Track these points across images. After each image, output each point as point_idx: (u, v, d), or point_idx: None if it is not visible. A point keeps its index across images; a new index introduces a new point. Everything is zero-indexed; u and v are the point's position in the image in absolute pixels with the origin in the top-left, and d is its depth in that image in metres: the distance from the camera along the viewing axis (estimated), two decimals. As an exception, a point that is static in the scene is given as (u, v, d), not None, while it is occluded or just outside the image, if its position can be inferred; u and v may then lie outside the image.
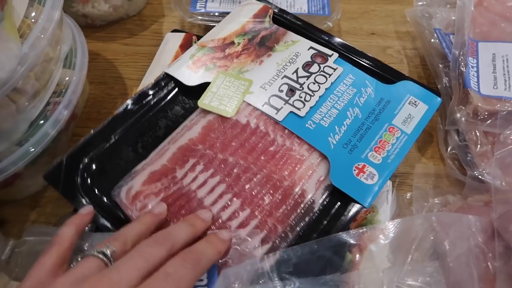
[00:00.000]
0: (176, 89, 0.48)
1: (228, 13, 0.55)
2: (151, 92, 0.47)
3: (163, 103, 0.47)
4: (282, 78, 0.47)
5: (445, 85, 0.53)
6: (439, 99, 0.46)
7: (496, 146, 0.47)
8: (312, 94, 0.45)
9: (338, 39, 0.52)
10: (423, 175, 0.50)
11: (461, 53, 0.53)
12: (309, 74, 0.47)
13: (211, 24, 0.55)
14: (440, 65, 0.55)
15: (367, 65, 0.50)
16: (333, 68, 0.48)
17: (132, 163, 0.42)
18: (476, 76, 0.50)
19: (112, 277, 0.29)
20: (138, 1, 0.63)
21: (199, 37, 0.54)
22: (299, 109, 0.44)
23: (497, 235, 0.39)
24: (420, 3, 0.64)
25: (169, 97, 0.48)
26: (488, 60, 0.52)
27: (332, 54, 0.49)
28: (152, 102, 0.47)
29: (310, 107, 0.44)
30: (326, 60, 0.49)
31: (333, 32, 0.62)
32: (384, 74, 0.49)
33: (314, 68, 0.48)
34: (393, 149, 0.42)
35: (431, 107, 0.45)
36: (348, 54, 0.51)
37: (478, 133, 0.48)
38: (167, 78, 0.49)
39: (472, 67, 0.51)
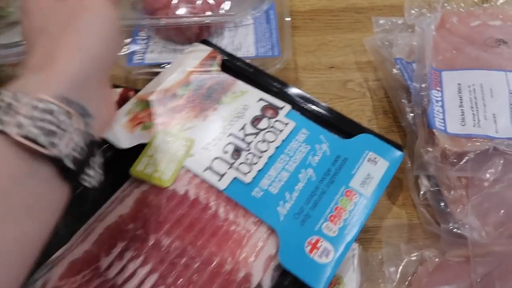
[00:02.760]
0: (110, 152, 0.43)
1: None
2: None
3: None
4: (227, 137, 0.42)
5: (411, 122, 0.48)
6: (400, 153, 0.41)
7: (470, 190, 0.42)
8: (260, 155, 0.40)
9: (292, 88, 0.46)
10: (395, 228, 0.45)
11: (423, 86, 0.48)
12: (257, 131, 0.42)
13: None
14: (403, 100, 0.50)
15: (322, 116, 0.44)
16: (284, 123, 0.42)
17: (51, 248, 0.36)
18: (441, 112, 0.45)
19: None
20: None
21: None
22: (245, 174, 0.39)
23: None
24: (379, 29, 0.60)
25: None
26: (454, 92, 0.47)
27: (284, 106, 0.44)
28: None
29: (258, 171, 0.39)
30: (277, 113, 0.43)
31: (289, 69, 0.57)
32: (341, 126, 0.43)
33: (264, 123, 0.42)
34: (350, 217, 0.36)
35: (392, 163, 0.40)
36: (301, 104, 0.45)
37: (449, 177, 0.43)
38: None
39: (437, 101, 0.46)
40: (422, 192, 0.45)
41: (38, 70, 0.26)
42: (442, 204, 0.43)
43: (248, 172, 0.39)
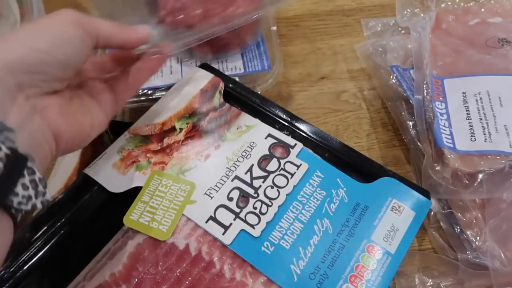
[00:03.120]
0: (102, 196, 0.38)
1: (169, 86, 0.44)
2: (64, 202, 0.37)
3: (81, 217, 0.37)
4: (232, 180, 0.37)
5: (414, 137, 0.44)
6: (427, 201, 0.36)
7: (487, 212, 0.39)
8: (270, 204, 0.35)
9: (303, 123, 0.42)
10: (407, 254, 0.41)
11: (425, 97, 0.44)
12: (266, 174, 0.37)
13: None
14: (404, 113, 0.46)
15: (338, 155, 0.40)
16: (296, 165, 0.38)
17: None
18: (447, 127, 0.41)
19: None
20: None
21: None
22: (253, 226, 0.34)
23: None
24: (369, 32, 0.55)
25: (90, 207, 0.37)
26: (459, 102, 0.43)
27: (295, 144, 0.39)
28: (65, 217, 0.37)
29: (267, 223, 0.34)
30: (288, 152, 0.39)
31: (281, 84, 0.53)
32: (358, 167, 0.39)
33: (273, 165, 0.38)
34: (373, 278, 0.32)
35: (419, 213, 0.35)
36: (313, 140, 0.41)
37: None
38: (88, 181, 0.38)
39: (441, 114, 0.42)
40: (432, 213, 0.41)
41: None
42: (457, 227, 0.39)
43: (257, 224, 0.34)
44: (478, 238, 0.38)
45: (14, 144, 0.23)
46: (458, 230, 0.39)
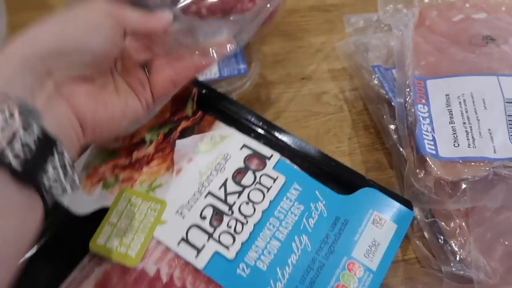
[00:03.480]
0: (66, 218, 0.36)
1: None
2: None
3: (44, 242, 0.34)
4: (205, 197, 0.35)
5: (396, 142, 0.43)
6: (409, 212, 0.35)
7: (471, 220, 0.37)
8: (245, 221, 0.34)
9: (282, 132, 0.40)
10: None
11: (407, 100, 0.42)
12: (241, 189, 0.36)
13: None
14: (385, 116, 0.45)
15: (316, 165, 0.38)
16: (272, 178, 0.36)
17: None
18: (430, 132, 0.40)
19: None
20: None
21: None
22: (227, 247, 0.33)
23: None
24: (351, 29, 0.53)
25: (54, 231, 0.35)
26: (442, 105, 0.41)
27: (272, 155, 0.37)
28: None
29: (242, 243, 0.33)
30: (264, 164, 0.37)
31: (259, 86, 0.50)
32: (337, 177, 0.37)
33: (248, 178, 0.36)
34: None
35: (401, 226, 0.34)
36: (290, 149, 0.39)
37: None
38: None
39: (424, 118, 0.41)
40: (416, 222, 0.40)
41: None
42: (440, 237, 0.38)
43: (231, 245, 0.33)
44: (462, 249, 0.37)
45: (40, 126, 0.24)
46: (442, 241, 0.38)
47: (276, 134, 0.40)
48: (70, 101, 0.28)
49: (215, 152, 0.38)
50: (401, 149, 0.42)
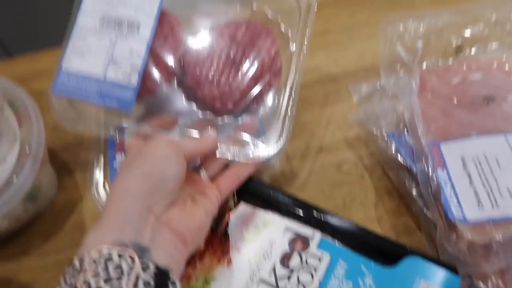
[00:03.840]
0: None
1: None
2: None
3: None
4: (258, 285, 0.37)
5: (422, 207, 0.46)
6: (456, 278, 0.37)
7: (507, 279, 0.39)
8: None
9: (318, 210, 0.43)
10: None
11: (426, 166, 0.45)
12: (290, 272, 0.38)
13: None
14: (407, 181, 0.48)
15: (357, 239, 0.40)
16: (318, 257, 0.38)
17: None
18: (454, 196, 0.43)
19: None
20: (46, 194, 0.53)
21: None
22: None
23: None
24: (358, 98, 0.57)
25: None
26: (459, 168, 0.44)
27: (313, 234, 0.40)
28: None
29: None
30: (307, 245, 0.39)
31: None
32: (379, 248, 0.40)
33: (295, 260, 0.38)
34: None
35: None
36: (330, 226, 0.41)
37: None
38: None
39: (445, 183, 0.44)
40: None
41: (96, 226, 0.31)
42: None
43: None
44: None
45: (154, 261, 0.28)
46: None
47: (315, 213, 0.42)
48: (169, 226, 0.34)
49: (260, 239, 0.40)
50: (428, 213, 0.44)
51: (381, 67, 0.55)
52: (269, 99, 0.47)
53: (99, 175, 0.49)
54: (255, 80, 0.43)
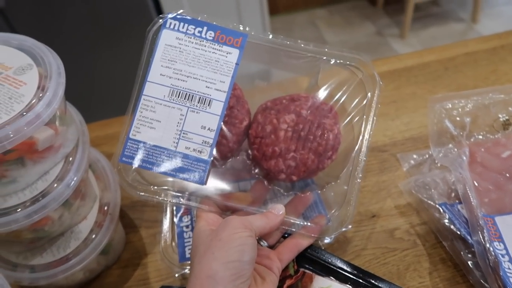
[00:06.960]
0: None
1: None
2: None
3: None
4: None
5: (480, 279, 0.46)
6: None
7: None
8: None
9: (375, 278, 0.44)
10: None
11: (482, 238, 0.46)
12: None
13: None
14: (462, 252, 0.48)
15: None
16: None
17: None
18: (512, 269, 0.43)
19: None
20: (116, 249, 0.56)
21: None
22: None
23: None
24: (408, 167, 0.60)
25: None
26: (516, 241, 0.45)
27: None
28: None
29: None
30: None
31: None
32: None
33: None
34: None
35: None
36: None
37: None
38: None
39: (503, 255, 0.45)
40: None
41: None
42: None
43: None
44: None
45: None
46: None
47: (372, 280, 0.44)
48: None
49: (322, 305, 0.42)
50: (486, 285, 0.45)
51: (430, 140, 0.58)
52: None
53: (167, 234, 0.52)
54: (319, 156, 0.46)
